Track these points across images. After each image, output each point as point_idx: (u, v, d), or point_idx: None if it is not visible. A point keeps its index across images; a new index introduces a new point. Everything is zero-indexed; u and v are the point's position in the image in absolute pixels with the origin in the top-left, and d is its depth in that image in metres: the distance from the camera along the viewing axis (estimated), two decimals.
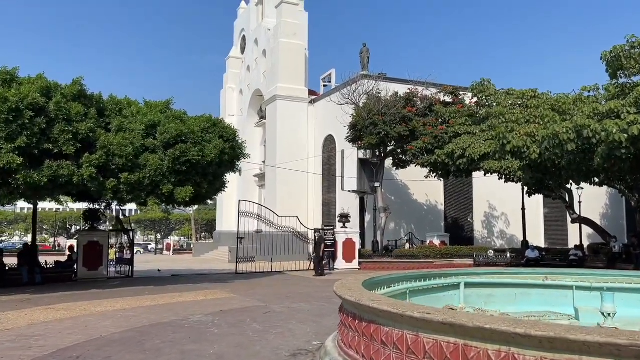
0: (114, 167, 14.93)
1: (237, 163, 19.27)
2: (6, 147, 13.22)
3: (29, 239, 78.39)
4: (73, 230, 68.13)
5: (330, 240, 23.99)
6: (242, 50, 49.03)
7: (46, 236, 77.61)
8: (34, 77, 14.64)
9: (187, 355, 7.29)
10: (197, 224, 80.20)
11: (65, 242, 56.04)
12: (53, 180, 14.11)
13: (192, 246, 55.01)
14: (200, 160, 16.20)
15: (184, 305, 12.61)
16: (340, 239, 24.03)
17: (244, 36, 48.93)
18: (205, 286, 17.11)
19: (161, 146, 15.87)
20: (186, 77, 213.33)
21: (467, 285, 9.88)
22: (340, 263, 23.86)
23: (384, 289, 8.47)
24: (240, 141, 19.08)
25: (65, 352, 7.58)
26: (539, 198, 32.22)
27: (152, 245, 65.75)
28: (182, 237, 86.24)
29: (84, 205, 21.45)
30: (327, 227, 25.38)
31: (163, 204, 20.47)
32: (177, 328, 9.40)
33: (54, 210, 72.07)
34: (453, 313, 4.97)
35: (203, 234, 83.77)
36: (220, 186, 18.48)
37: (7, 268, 18.76)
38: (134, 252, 22.10)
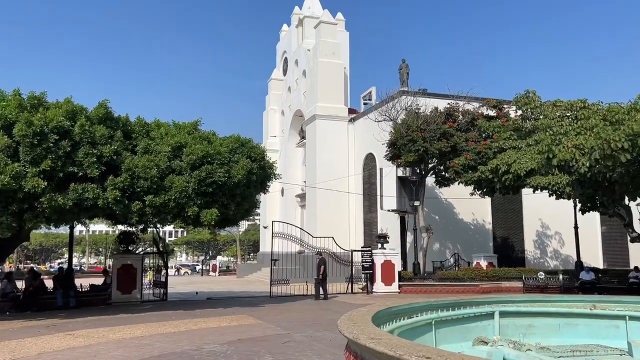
0: (139, 189, 14.75)
1: (268, 183, 18.79)
2: (31, 170, 13.27)
3: (85, 261, 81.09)
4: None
5: (368, 262, 23.05)
6: (284, 72, 49.31)
7: (102, 257, 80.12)
8: (62, 101, 14.75)
9: None
10: (244, 244, 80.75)
11: None
12: (78, 204, 14.05)
13: (236, 267, 55.09)
14: (227, 182, 15.81)
15: (204, 332, 12.08)
16: (379, 261, 23.05)
17: (285, 58, 49.24)
18: (234, 310, 16.57)
19: (187, 168, 15.60)
20: (233, 99, 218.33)
21: (503, 314, 8.83)
22: (378, 286, 22.84)
23: (403, 320, 7.60)
24: (270, 161, 18.62)
25: None
26: (595, 215, 30.10)
27: (200, 267, 66.35)
28: (231, 258, 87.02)
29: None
30: (365, 248, 24.42)
31: (212, 228, 19.71)
32: (185, 359, 8.83)
33: (104, 232, 74.46)
34: (457, 357, 4.12)
35: (250, 254, 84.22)
36: (249, 207, 18.03)
37: (47, 291, 18.95)
38: (167, 275, 21.87)
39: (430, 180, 28.40)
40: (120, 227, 20.75)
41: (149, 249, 23.47)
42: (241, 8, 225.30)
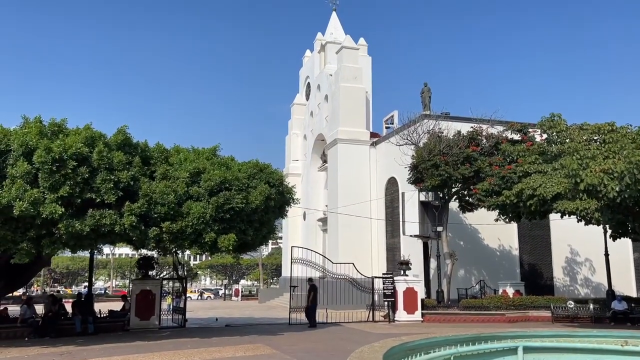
0: (155, 215, 14.71)
1: (287, 208, 18.60)
2: (50, 197, 13.35)
3: (109, 284, 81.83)
4: None
5: (390, 289, 22.50)
6: (307, 96, 49.60)
7: (126, 281, 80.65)
8: (82, 127, 14.91)
9: None
10: (267, 268, 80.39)
11: None
12: (95, 230, 14.06)
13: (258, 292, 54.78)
14: (245, 207, 15.68)
15: None
16: (401, 288, 22.48)
17: (308, 83, 49.59)
18: (251, 339, 16.24)
19: (205, 194, 15.52)
20: (257, 125, 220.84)
21: (527, 349, 8.36)
22: (401, 314, 22.22)
23: (420, 356, 7.21)
24: (289, 185, 18.47)
25: None
26: (627, 241, 28.97)
27: (222, 291, 66.23)
28: (254, 282, 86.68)
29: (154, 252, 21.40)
30: (386, 275, 23.89)
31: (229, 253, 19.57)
32: None
33: (130, 255, 75.16)
34: None
35: (273, 278, 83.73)
36: (267, 232, 17.83)
37: (67, 316, 18.96)
38: (186, 300, 21.71)
39: (454, 205, 27.80)
40: (144, 251, 20.75)
41: (170, 273, 23.41)
42: (265, 35, 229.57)
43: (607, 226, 20.78)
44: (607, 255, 24.49)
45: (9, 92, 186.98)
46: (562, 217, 21.34)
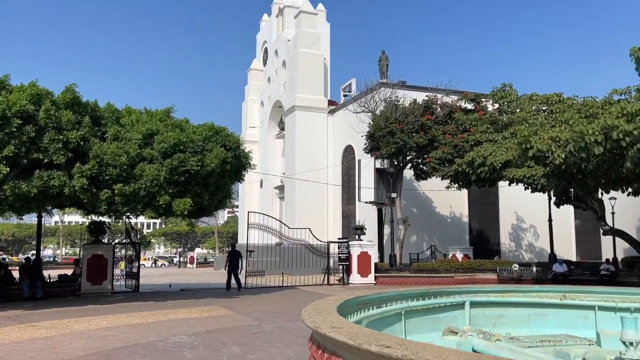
0: (107, 177, 14.31)
1: (243, 173, 18.47)
2: None
3: (59, 252, 79.67)
4: None
5: (344, 253, 22.93)
6: (264, 62, 48.78)
7: (77, 249, 78.69)
8: (26, 84, 14.20)
9: None
10: (223, 236, 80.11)
11: None
12: (43, 191, 13.57)
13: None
14: (200, 170, 15.46)
15: (173, 323, 11.78)
16: (355, 252, 22.93)
17: (265, 48, 48.71)
18: (206, 302, 16.28)
19: (159, 156, 15.20)
20: (212, 89, 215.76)
21: (474, 304, 8.73)
22: (355, 277, 22.74)
23: (372, 309, 7.42)
24: (246, 150, 18.29)
25: None
26: (569, 209, 30.48)
27: (177, 259, 65.64)
28: (210, 250, 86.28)
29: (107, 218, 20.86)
30: (341, 240, 24.29)
31: (185, 218, 19.52)
32: (148, 351, 8.56)
33: (80, 223, 73.18)
34: (418, 347, 3.94)
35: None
36: (223, 197, 17.67)
37: (14, 282, 18.40)
38: (140, 265, 21.45)
39: (408, 172, 28.38)
40: (94, 218, 20.24)
41: (123, 241, 22.95)
42: None
43: (552, 193, 21.73)
44: (550, 221, 25.68)
45: None
46: (510, 184, 22.20)
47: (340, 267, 23.29)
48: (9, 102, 12.87)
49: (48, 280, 19.01)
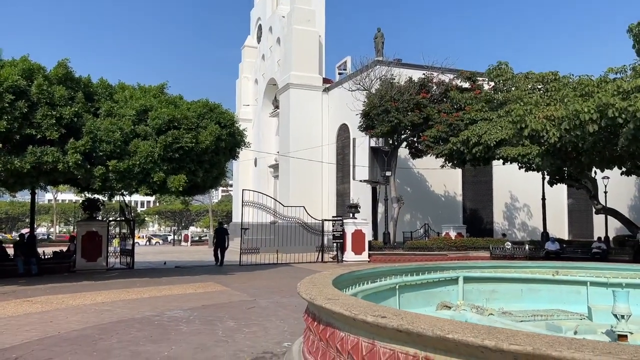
0: (101, 153, 14.23)
1: (237, 150, 18.41)
2: None
3: (53, 230, 79.55)
4: None
5: (339, 231, 23.04)
6: (259, 39, 48.21)
7: (70, 227, 78.57)
8: (18, 59, 13.99)
9: (136, 358, 6.46)
10: (217, 215, 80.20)
11: None
12: (37, 167, 13.49)
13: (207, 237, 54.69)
14: (194, 147, 15.40)
15: (168, 298, 11.86)
16: (349, 230, 23.04)
17: (260, 25, 48.08)
18: (201, 278, 16.38)
19: (153, 132, 15.10)
20: (205, 66, 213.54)
21: (467, 279, 8.83)
22: (349, 255, 22.89)
23: (367, 284, 7.49)
24: (240, 128, 18.20)
25: (6, 352, 6.83)
26: (562, 188, 30.66)
27: (172, 237, 65.78)
28: (204, 228, 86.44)
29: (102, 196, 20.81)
30: (336, 218, 24.39)
31: (179, 195, 19.83)
32: (144, 325, 8.61)
33: (73, 201, 73.01)
34: (413, 317, 3.97)
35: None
36: (218, 174, 17.64)
37: (8, 258, 18.41)
38: (134, 242, 21.46)
39: (403, 151, 28.38)
40: (88, 195, 20.19)
41: (118, 218, 22.91)
42: None
43: (546, 172, 21.82)
44: (544, 199, 25.84)
45: None
46: (504, 163, 22.25)
47: (335, 244, 23.42)
48: (0, 77, 12.69)
49: (43, 257, 19.03)
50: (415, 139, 27.23)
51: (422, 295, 8.26)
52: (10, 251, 19.38)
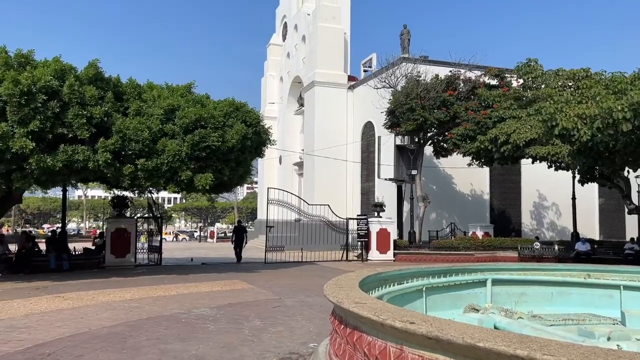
0: (130, 152, 14.47)
1: (263, 149, 18.50)
2: (19, 131, 12.95)
3: (83, 225, 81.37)
4: None
5: (363, 230, 22.96)
6: (284, 37, 48.34)
7: (100, 223, 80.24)
8: (50, 60, 14.31)
9: (164, 356, 6.55)
10: (242, 212, 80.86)
11: None
12: (68, 166, 13.78)
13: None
14: (221, 146, 15.52)
15: (195, 296, 12.00)
16: (374, 229, 22.95)
17: (285, 23, 48.19)
18: (228, 276, 16.52)
19: (180, 131, 15.28)
20: (231, 65, 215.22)
21: (496, 282, 8.69)
22: (374, 254, 22.81)
23: (393, 286, 7.43)
24: (265, 126, 18.28)
25: (40, 348, 7.01)
26: (593, 187, 29.93)
27: (198, 233, 66.61)
28: (229, 225, 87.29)
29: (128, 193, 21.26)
30: (361, 216, 24.32)
31: (205, 193, 20.21)
32: (172, 323, 8.73)
33: (103, 197, 74.53)
34: (442, 324, 3.92)
35: (249, 222, 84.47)
36: (244, 173, 17.76)
37: (41, 253, 18.87)
38: (162, 239, 21.77)
39: (428, 149, 28.12)
40: (117, 192, 20.60)
41: (145, 215, 23.32)
42: None
43: (577, 171, 21.33)
44: (574, 199, 25.29)
45: None
46: (533, 162, 21.83)
47: (359, 243, 23.35)
48: (34, 78, 13.00)
49: (73, 253, 19.46)
50: (441, 138, 26.95)
51: (449, 298, 8.16)
52: (43, 246, 19.88)
